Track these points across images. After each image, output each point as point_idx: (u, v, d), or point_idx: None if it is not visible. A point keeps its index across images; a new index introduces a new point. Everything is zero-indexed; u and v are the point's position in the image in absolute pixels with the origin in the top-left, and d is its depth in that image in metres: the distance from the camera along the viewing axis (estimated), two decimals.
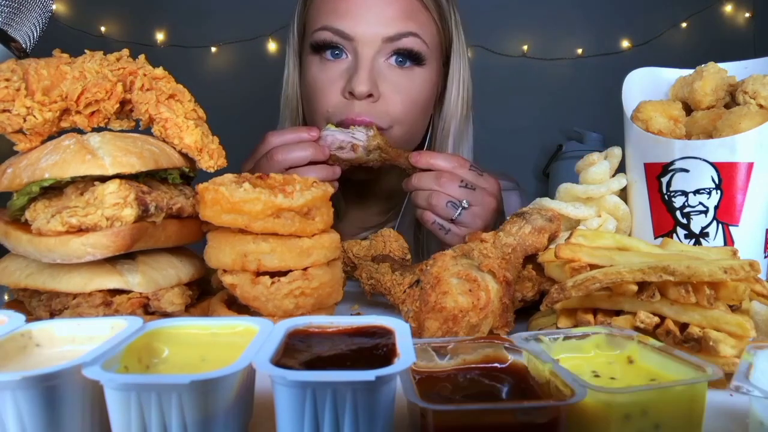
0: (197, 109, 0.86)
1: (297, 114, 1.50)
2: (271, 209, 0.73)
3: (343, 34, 1.32)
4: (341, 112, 1.32)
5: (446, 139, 1.46)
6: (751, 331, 0.65)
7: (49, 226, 0.72)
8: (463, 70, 1.47)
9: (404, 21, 1.33)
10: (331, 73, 1.35)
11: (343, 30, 1.32)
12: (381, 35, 1.31)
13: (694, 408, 0.53)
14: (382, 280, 0.90)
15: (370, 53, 1.32)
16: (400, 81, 1.35)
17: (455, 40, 1.46)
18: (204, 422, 0.48)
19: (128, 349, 0.54)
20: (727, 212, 0.88)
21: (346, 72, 1.34)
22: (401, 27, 1.33)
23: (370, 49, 1.32)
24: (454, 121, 1.47)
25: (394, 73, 1.35)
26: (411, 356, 0.49)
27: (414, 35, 1.34)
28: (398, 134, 1.37)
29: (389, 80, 1.34)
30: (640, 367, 0.60)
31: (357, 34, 1.31)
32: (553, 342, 0.62)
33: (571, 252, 0.75)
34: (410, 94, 1.36)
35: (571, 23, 3.88)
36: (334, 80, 1.34)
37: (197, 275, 0.85)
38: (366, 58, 1.32)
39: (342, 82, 1.33)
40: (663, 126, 0.96)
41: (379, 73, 1.33)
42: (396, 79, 1.35)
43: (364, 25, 1.31)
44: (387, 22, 1.32)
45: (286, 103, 1.51)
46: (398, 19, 1.33)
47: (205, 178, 0.77)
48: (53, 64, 0.78)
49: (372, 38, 1.31)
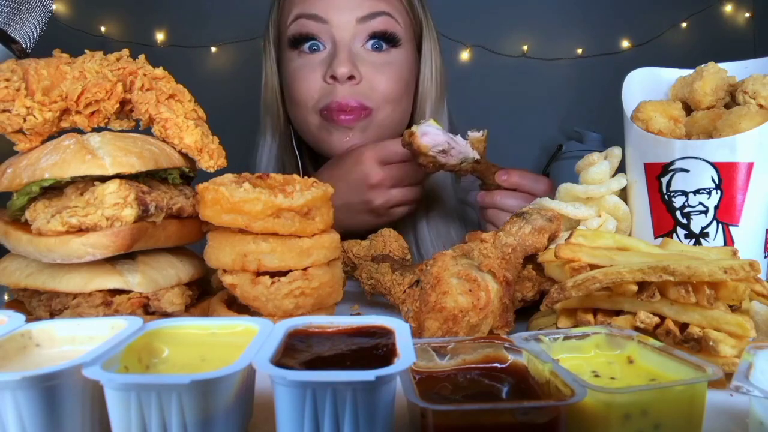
0: (197, 109, 0.86)
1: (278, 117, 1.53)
2: (271, 209, 0.73)
3: (317, 17, 1.36)
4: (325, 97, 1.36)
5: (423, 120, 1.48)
6: (751, 331, 0.65)
7: (49, 226, 0.72)
8: (434, 52, 1.50)
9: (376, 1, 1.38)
10: (310, 64, 1.39)
11: (317, 14, 1.36)
12: (355, 15, 1.36)
13: (694, 408, 0.53)
14: (382, 280, 0.90)
15: (347, 36, 1.36)
16: (379, 62, 1.39)
17: (425, 25, 1.50)
18: (204, 422, 0.48)
19: (128, 349, 0.54)
20: (727, 212, 0.88)
21: (326, 60, 1.37)
22: (373, 7, 1.37)
23: (346, 32, 1.36)
24: (429, 103, 1.50)
25: (372, 56, 1.39)
26: (411, 356, 0.49)
27: (386, 14, 1.39)
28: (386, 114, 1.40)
29: (369, 62, 1.38)
30: (640, 367, 0.60)
31: (331, 17, 1.36)
32: (553, 342, 0.62)
33: (571, 252, 0.75)
34: (392, 74, 1.40)
35: (571, 23, 3.87)
36: (315, 68, 1.38)
37: (197, 275, 0.85)
38: (343, 42, 1.36)
39: (323, 69, 1.37)
40: (663, 126, 0.96)
41: (358, 56, 1.37)
42: (375, 60, 1.38)
43: (337, 8, 1.36)
44: (358, 4, 1.37)
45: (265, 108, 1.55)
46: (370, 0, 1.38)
47: (205, 178, 0.77)
48: (53, 64, 0.78)
49: (346, 20, 1.36)
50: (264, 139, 1.56)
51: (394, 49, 1.41)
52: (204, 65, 3.72)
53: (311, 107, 1.39)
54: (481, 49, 3.77)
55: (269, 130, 1.55)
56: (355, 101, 1.34)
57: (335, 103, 1.34)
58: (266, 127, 1.56)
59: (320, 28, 1.37)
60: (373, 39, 1.38)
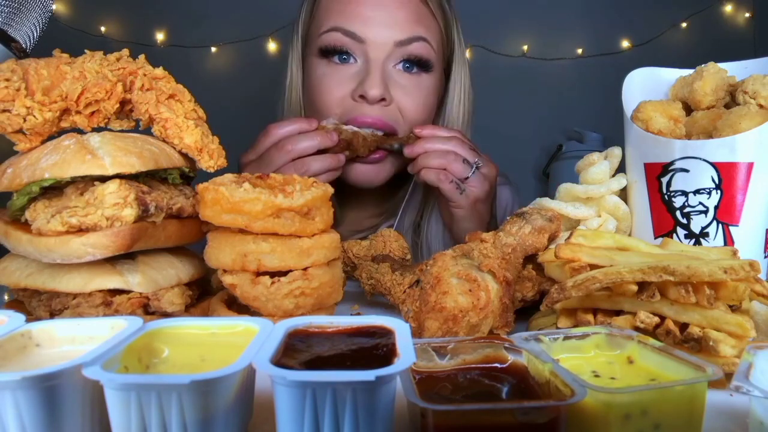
0: (197, 109, 0.86)
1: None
2: (271, 209, 0.73)
3: (354, 35, 1.31)
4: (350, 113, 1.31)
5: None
6: (751, 331, 0.65)
7: (49, 226, 0.72)
8: (464, 77, 1.47)
9: (414, 25, 1.33)
10: (339, 76, 1.33)
11: (354, 32, 1.30)
12: (393, 39, 1.30)
13: (694, 408, 0.53)
14: (382, 280, 0.90)
15: (381, 57, 1.31)
16: (409, 86, 1.35)
17: (457, 48, 1.46)
18: (204, 422, 0.48)
19: (128, 349, 0.54)
20: (727, 212, 0.88)
21: (356, 75, 1.32)
22: (412, 31, 1.32)
23: (381, 52, 1.31)
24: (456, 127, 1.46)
25: (404, 78, 1.34)
26: (411, 356, 0.49)
27: (424, 40, 1.34)
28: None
29: (400, 85, 1.33)
30: (640, 367, 0.60)
31: (368, 36, 1.30)
32: (553, 342, 0.62)
33: (571, 252, 0.75)
34: (420, 99, 1.36)
35: (571, 23, 3.88)
36: (343, 82, 1.33)
37: (197, 275, 0.85)
38: (377, 62, 1.31)
39: (351, 85, 1.32)
40: (663, 126, 0.96)
41: (390, 77, 1.33)
42: (406, 83, 1.34)
43: (376, 27, 1.30)
44: (398, 26, 1.31)
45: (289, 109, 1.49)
46: (409, 23, 1.32)
47: (205, 178, 0.77)
48: (53, 64, 0.78)
49: (384, 41, 1.30)
50: None
51: (424, 73, 1.37)
52: (204, 65, 3.72)
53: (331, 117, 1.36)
54: (481, 49, 3.77)
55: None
56: (381, 122, 1.31)
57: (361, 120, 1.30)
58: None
59: (355, 45, 1.32)
60: (405, 61, 1.34)
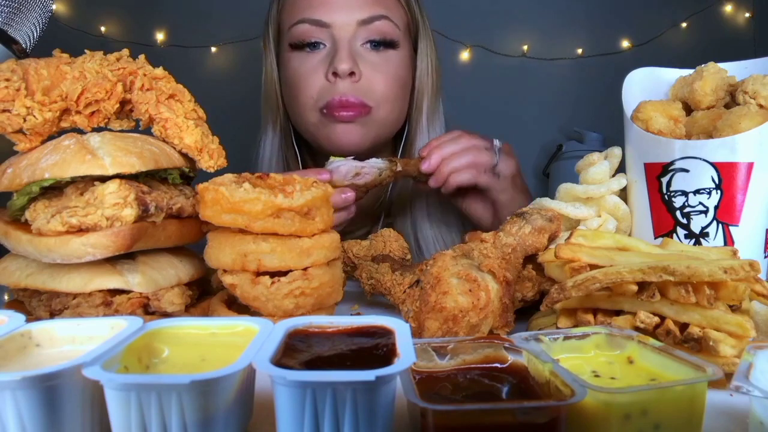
0: (197, 109, 0.86)
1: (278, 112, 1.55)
2: (271, 209, 0.73)
3: (319, 22, 1.38)
4: (326, 95, 1.38)
5: (420, 116, 1.52)
6: (751, 331, 0.65)
7: (49, 226, 0.72)
8: (429, 50, 1.54)
9: (375, 5, 1.41)
10: (311, 62, 1.41)
11: (320, 19, 1.38)
12: (355, 18, 1.38)
13: (694, 408, 0.53)
14: (382, 280, 0.90)
15: (347, 36, 1.38)
16: (378, 62, 1.41)
17: (421, 24, 1.53)
18: (204, 422, 0.48)
19: (128, 349, 0.54)
20: (727, 212, 0.88)
21: (326, 58, 1.39)
22: (373, 11, 1.40)
23: (346, 32, 1.38)
24: (425, 99, 1.52)
25: (371, 56, 1.41)
26: (411, 356, 0.49)
27: (386, 18, 1.41)
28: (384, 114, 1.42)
29: (368, 61, 1.40)
30: (640, 367, 0.60)
31: (332, 20, 1.38)
32: (553, 342, 0.62)
33: (571, 252, 0.75)
34: (389, 73, 1.42)
35: (571, 23, 3.87)
36: (316, 67, 1.40)
37: (197, 275, 0.85)
38: (344, 41, 1.38)
39: (324, 67, 1.39)
40: (663, 126, 0.96)
41: (358, 54, 1.40)
42: (374, 59, 1.41)
43: (339, 10, 1.39)
44: (360, 6, 1.40)
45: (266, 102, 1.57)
46: (370, 3, 1.41)
47: (205, 178, 0.77)
48: (53, 64, 0.78)
49: (347, 22, 1.38)
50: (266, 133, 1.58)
51: (391, 50, 1.44)
52: (204, 65, 3.72)
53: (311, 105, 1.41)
54: (481, 49, 3.77)
55: (270, 124, 1.57)
56: (355, 98, 1.36)
57: (336, 100, 1.36)
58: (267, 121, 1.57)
59: (322, 32, 1.39)
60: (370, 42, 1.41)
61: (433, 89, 1.53)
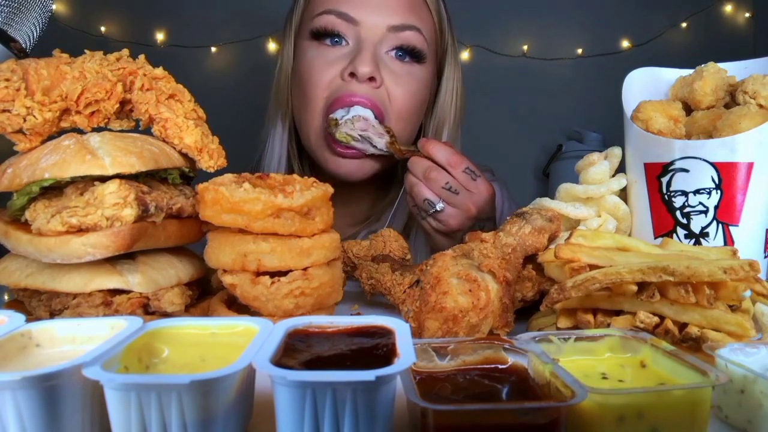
0: (197, 109, 0.86)
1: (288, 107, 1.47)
2: (271, 209, 0.73)
3: (347, 17, 1.30)
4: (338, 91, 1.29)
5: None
6: (750, 330, 0.65)
7: (49, 226, 0.72)
8: (456, 77, 1.47)
9: (408, 13, 1.33)
10: (329, 57, 1.33)
11: (348, 13, 1.30)
12: (386, 23, 1.30)
13: (698, 413, 0.52)
14: (382, 280, 0.90)
15: (374, 39, 1.31)
16: (401, 73, 1.34)
17: (449, 46, 1.46)
18: (204, 422, 0.48)
19: (128, 349, 0.54)
20: (727, 212, 0.88)
21: (346, 56, 1.31)
22: (406, 19, 1.32)
23: (374, 35, 1.31)
24: (446, 127, 1.46)
25: (396, 65, 1.34)
26: (411, 356, 0.49)
27: (416, 30, 1.34)
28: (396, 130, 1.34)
29: (391, 70, 1.32)
30: (651, 372, 0.60)
31: (362, 18, 1.30)
32: (564, 343, 0.62)
33: (571, 252, 0.75)
34: (411, 88, 1.35)
35: (571, 23, 3.88)
36: (333, 63, 1.32)
37: (197, 275, 0.85)
38: (369, 42, 1.30)
39: (341, 65, 1.31)
40: (663, 126, 0.96)
41: (381, 61, 1.32)
42: (397, 70, 1.33)
43: (370, 10, 1.31)
44: (392, 11, 1.31)
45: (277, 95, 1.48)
46: (403, 10, 1.33)
47: (205, 178, 0.77)
48: (53, 64, 0.78)
49: (377, 24, 1.30)
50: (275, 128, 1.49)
51: (417, 64, 1.37)
52: (204, 65, 3.72)
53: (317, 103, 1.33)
54: (481, 49, 3.77)
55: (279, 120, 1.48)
56: (369, 101, 1.28)
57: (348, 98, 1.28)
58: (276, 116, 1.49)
59: (348, 27, 1.31)
60: (398, 50, 1.33)
61: (456, 118, 1.47)
